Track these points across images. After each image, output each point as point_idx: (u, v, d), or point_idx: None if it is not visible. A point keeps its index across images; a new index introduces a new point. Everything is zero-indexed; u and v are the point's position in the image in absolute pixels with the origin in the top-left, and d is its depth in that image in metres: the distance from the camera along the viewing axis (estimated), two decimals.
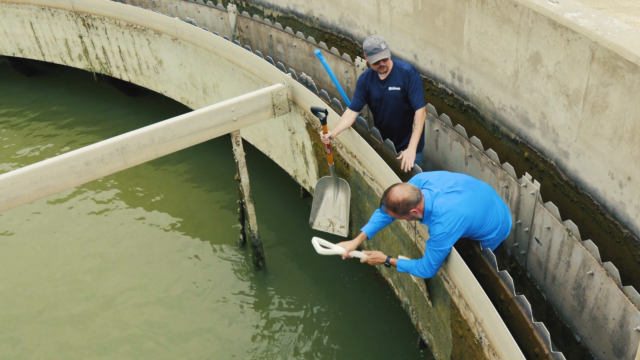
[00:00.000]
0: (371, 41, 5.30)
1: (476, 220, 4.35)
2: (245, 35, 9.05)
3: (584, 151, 4.47)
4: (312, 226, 6.38)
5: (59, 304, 7.07)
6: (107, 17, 9.30)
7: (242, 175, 6.61)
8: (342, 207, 6.21)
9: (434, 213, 4.26)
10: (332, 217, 6.28)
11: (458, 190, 4.33)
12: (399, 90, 5.47)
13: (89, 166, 5.58)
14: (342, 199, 6.18)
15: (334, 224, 6.30)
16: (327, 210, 6.28)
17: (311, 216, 6.36)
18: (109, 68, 10.18)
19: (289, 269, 7.31)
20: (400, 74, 5.45)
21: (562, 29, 4.35)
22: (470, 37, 5.46)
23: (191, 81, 8.71)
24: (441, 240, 4.25)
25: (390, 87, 5.51)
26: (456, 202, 4.24)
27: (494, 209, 4.50)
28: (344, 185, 6.12)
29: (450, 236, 4.22)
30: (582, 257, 4.28)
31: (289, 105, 6.40)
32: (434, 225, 4.26)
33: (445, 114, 5.89)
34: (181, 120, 5.90)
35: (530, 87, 4.88)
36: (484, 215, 4.41)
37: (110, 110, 11.13)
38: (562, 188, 4.84)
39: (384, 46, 5.29)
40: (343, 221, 6.24)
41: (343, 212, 6.22)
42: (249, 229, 7.04)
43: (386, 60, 5.35)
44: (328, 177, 6.23)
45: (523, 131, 5.16)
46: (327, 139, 5.67)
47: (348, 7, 7.25)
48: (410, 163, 5.26)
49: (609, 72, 4.02)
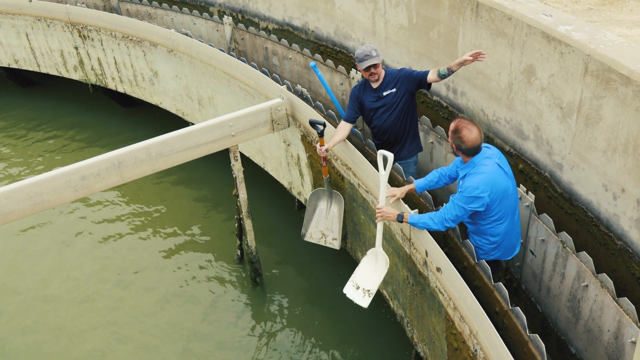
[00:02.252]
0: (362, 48, 5.33)
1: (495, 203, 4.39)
2: (241, 48, 9.07)
3: (578, 163, 4.47)
4: (304, 237, 6.35)
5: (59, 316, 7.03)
6: (103, 28, 9.31)
7: (240, 191, 6.55)
8: (335, 220, 6.19)
9: (475, 167, 4.36)
10: (324, 229, 6.27)
11: (506, 172, 4.43)
12: (394, 92, 5.47)
13: (85, 181, 5.51)
14: (335, 211, 6.17)
15: (326, 235, 6.28)
16: (320, 222, 6.27)
17: (303, 227, 6.36)
18: (104, 79, 10.17)
19: (287, 285, 7.25)
20: (390, 77, 5.47)
21: (555, 42, 4.37)
22: (465, 50, 5.48)
23: (187, 93, 8.71)
24: (465, 198, 4.31)
25: (385, 92, 5.51)
26: (497, 175, 4.33)
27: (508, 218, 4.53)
28: (338, 198, 6.12)
29: (476, 197, 4.28)
30: (577, 268, 4.28)
31: (288, 120, 6.37)
32: (469, 177, 4.36)
33: (440, 126, 5.90)
34: (179, 135, 5.83)
35: (524, 100, 4.89)
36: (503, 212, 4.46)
37: (105, 121, 11.11)
38: (556, 200, 4.84)
39: (375, 53, 5.30)
40: (336, 233, 6.23)
41: (336, 224, 6.20)
42: (246, 245, 6.98)
43: (377, 66, 5.34)
44: (322, 189, 6.22)
45: (517, 143, 5.16)
46: (323, 152, 5.68)
47: (343, 19, 7.28)
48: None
49: (602, 85, 4.04)
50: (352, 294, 5.27)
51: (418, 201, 5.36)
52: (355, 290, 5.26)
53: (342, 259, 7.06)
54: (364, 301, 5.21)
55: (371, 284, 5.22)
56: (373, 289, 5.19)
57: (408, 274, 5.21)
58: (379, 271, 5.21)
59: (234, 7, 9.53)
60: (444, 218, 4.41)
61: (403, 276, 5.31)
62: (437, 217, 4.44)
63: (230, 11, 9.65)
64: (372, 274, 5.25)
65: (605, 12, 5.36)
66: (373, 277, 5.24)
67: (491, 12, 4.99)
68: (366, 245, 5.98)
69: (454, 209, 4.37)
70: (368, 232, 5.79)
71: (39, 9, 10.00)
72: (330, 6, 7.39)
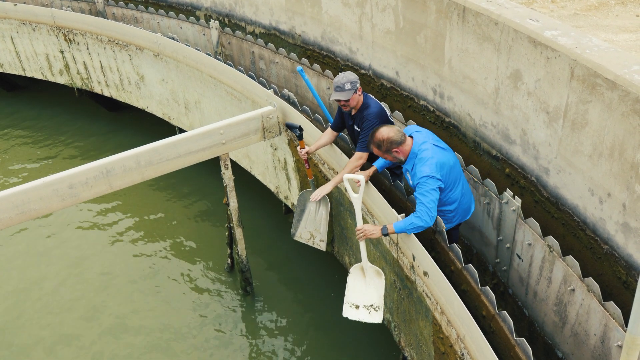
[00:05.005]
0: (338, 78, 5.19)
1: (448, 180, 4.74)
2: (228, 52, 9.03)
3: (565, 168, 4.48)
4: (294, 237, 6.38)
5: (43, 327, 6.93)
6: (89, 32, 9.24)
7: (231, 199, 6.48)
8: (322, 221, 6.20)
9: (418, 156, 4.66)
10: (312, 230, 6.29)
11: (443, 148, 4.81)
12: (359, 131, 5.40)
13: (73, 189, 5.42)
14: (323, 213, 6.18)
15: (314, 237, 6.30)
16: (309, 223, 6.28)
17: (293, 227, 6.37)
18: (90, 83, 10.09)
19: (277, 293, 7.20)
20: (360, 116, 5.33)
21: (542, 46, 4.38)
22: (452, 55, 5.48)
23: (173, 97, 8.66)
24: (427, 182, 4.54)
25: (355, 125, 5.46)
26: (440, 154, 4.68)
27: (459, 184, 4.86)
28: (325, 200, 6.11)
29: (432, 178, 4.55)
30: (563, 273, 4.28)
31: (279, 128, 6.30)
32: (416, 168, 4.63)
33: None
34: (168, 143, 5.75)
35: (510, 104, 4.89)
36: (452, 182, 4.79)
37: (91, 125, 11.02)
38: (543, 204, 4.84)
39: (349, 86, 5.14)
40: (323, 235, 6.25)
41: (323, 226, 6.21)
42: (237, 254, 6.91)
43: (347, 100, 5.20)
44: (309, 190, 6.22)
45: (504, 148, 5.16)
46: (304, 154, 5.74)
47: (330, 24, 7.27)
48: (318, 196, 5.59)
49: (588, 90, 4.04)
50: (356, 315, 5.10)
51: (405, 206, 5.34)
52: (356, 310, 5.12)
53: (331, 264, 7.04)
54: (373, 317, 5.05)
55: (371, 298, 5.09)
56: (377, 303, 5.06)
57: (395, 278, 5.19)
58: (373, 283, 5.12)
59: (221, 11, 9.49)
60: (427, 209, 4.50)
61: (390, 280, 5.29)
62: (420, 212, 4.52)
63: (217, 15, 9.61)
64: (365, 289, 5.15)
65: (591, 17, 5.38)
66: (369, 291, 5.13)
67: (478, 17, 4.99)
68: (353, 249, 5.96)
69: (427, 196, 4.52)
70: (354, 237, 5.76)
71: (24, 13, 9.91)
72: (317, 10, 7.38)
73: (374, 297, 5.09)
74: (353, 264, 6.03)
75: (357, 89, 5.20)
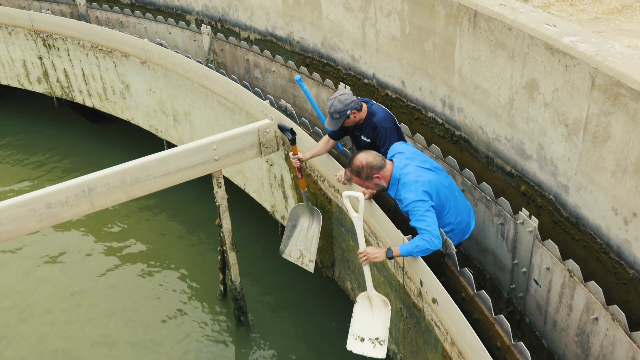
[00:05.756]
0: (328, 104, 5.29)
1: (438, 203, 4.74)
2: (220, 59, 9.06)
3: (585, 185, 4.47)
4: (282, 254, 6.39)
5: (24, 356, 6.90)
6: (70, 37, 9.28)
7: (224, 221, 6.44)
8: (313, 240, 6.21)
9: (401, 182, 4.70)
10: (303, 248, 6.31)
11: (429, 169, 4.83)
12: (369, 142, 5.48)
13: (51, 209, 5.38)
14: (315, 231, 6.18)
15: (303, 256, 6.31)
16: (300, 240, 6.30)
17: (282, 243, 6.36)
18: (71, 92, 10.12)
19: (274, 324, 7.14)
20: (370, 126, 5.42)
21: (559, 54, 4.39)
22: (462, 63, 5.50)
23: (161, 108, 8.67)
24: (417, 207, 4.58)
25: (363, 136, 5.52)
26: (425, 176, 4.69)
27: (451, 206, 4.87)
28: (318, 216, 6.12)
29: (421, 201, 4.58)
30: (585, 300, 4.25)
31: (277, 143, 6.31)
32: (401, 195, 4.67)
33: (435, 144, 5.90)
34: (156, 159, 5.73)
35: (526, 116, 4.90)
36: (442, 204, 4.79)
37: (71, 139, 11.02)
38: (562, 225, 4.83)
39: (337, 116, 5.24)
40: (312, 255, 6.26)
41: (314, 245, 6.22)
42: (230, 280, 6.86)
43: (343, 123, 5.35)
44: (301, 204, 6.22)
45: (519, 163, 5.17)
46: (296, 161, 5.78)
47: (331, 29, 7.30)
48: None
49: (611, 100, 4.04)
50: (361, 349, 5.07)
51: None
52: (360, 343, 5.09)
53: (332, 291, 7.00)
54: (377, 352, 5.03)
55: (377, 331, 5.07)
56: (382, 336, 5.03)
57: (401, 306, 5.17)
58: (380, 315, 5.08)
59: (213, 16, 9.54)
60: (428, 232, 4.51)
61: (396, 308, 5.26)
62: (425, 234, 4.51)
63: (209, 20, 9.66)
64: (372, 320, 5.12)
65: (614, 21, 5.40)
66: (375, 323, 5.10)
67: (490, 22, 5.01)
68: (355, 274, 5.95)
69: (423, 220, 4.54)
70: (357, 260, 5.74)
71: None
72: (317, 15, 7.42)
73: (380, 329, 5.06)
74: (355, 290, 6.02)
75: (351, 113, 5.28)
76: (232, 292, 6.91)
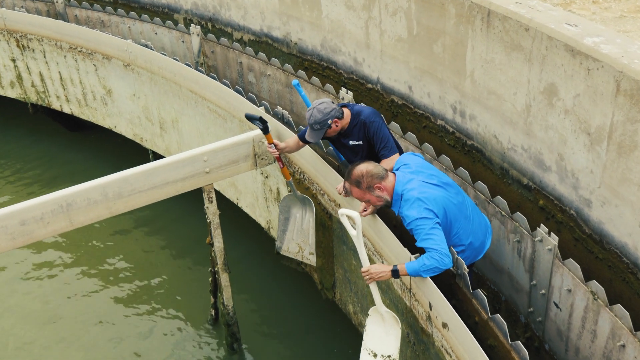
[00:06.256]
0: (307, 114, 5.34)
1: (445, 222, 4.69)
2: (211, 62, 9.06)
3: (610, 199, 4.45)
4: (280, 251, 6.39)
5: None
6: (47, 37, 9.29)
7: (215, 239, 6.40)
8: (310, 230, 6.21)
9: (403, 198, 4.67)
10: (300, 241, 6.31)
11: (437, 185, 4.77)
12: (360, 144, 5.50)
13: (26, 227, 5.36)
14: (310, 220, 6.18)
15: (302, 249, 6.31)
16: (296, 233, 6.32)
17: (278, 239, 6.37)
18: (47, 98, 10.11)
19: (270, 352, 7.10)
20: (358, 126, 5.45)
21: (581, 56, 4.38)
22: (474, 66, 5.49)
23: (146, 115, 8.67)
24: (421, 225, 4.54)
25: (351, 141, 5.54)
26: (429, 192, 4.65)
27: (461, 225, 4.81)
28: (310, 204, 6.11)
29: (424, 219, 4.53)
30: (611, 325, 4.22)
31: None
32: (403, 212, 4.65)
33: (445, 155, 5.90)
34: (142, 171, 5.71)
35: (544, 124, 4.89)
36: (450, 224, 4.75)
37: (48, 148, 11.03)
38: (584, 242, 4.81)
39: (318, 127, 5.30)
40: (312, 247, 6.25)
41: (312, 236, 6.23)
42: (222, 304, 6.81)
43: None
44: (290, 195, 6.20)
45: (537, 175, 5.15)
46: (274, 150, 5.80)
47: (331, 30, 7.30)
48: None
49: (638, 107, 4.03)
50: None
51: None
52: (373, 359, 5.15)
53: (333, 314, 6.97)
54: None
55: (389, 349, 5.11)
56: (394, 354, 5.07)
57: (409, 331, 5.16)
58: (393, 332, 5.12)
59: (203, 15, 9.55)
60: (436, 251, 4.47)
61: (402, 333, 5.23)
62: (433, 253, 4.47)
63: (199, 19, 9.67)
64: (384, 335, 5.15)
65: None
66: (388, 339, 5.13)
67: (505, 22, 5.01)
68: (358, 295, 5.91)
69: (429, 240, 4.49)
70: (360, 280, 5.73)
71: None
72: (317, 14, 7.42)
73: (392, 347, 5.10)
74: (358, 314, 5.98)
75: (333, 122, 5.33)
76: (224, 317, 6.86)
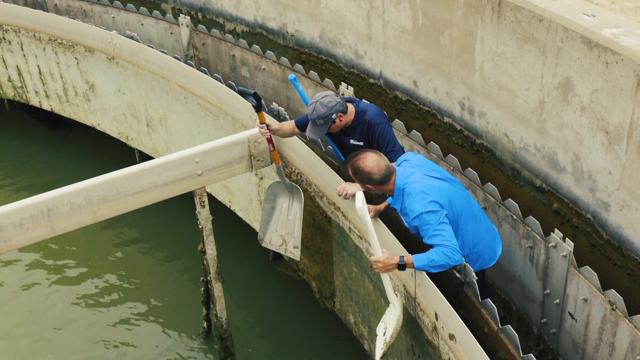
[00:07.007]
0: (310, 108, 5.33)
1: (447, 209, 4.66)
2: (202, 55, 9.08)
3: (630, 202, 4.47)
4: (262, 243, 6.40)
5: None
6: (24, 28, 9.28)
7: (208, 246, 6.40)
8: (296, 222, 6.19)
9: (405, 192, 4.70)
10: (285, 233, 6.30)
11: (440, 178, 4.81)
12: (361, 145, 5.51)
13: (3, 233, 5.34)
14: (297, 212, 6.14)
15: (286, 242, 6.29)
16: (280, 225, 6.29)
17: (260, 230, 6.35)
18: (25, 94, 10.11)
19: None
20: (362, 125, 5.46)
21: (599, 49, 4.40)
22: (484, 60, 5.52)
23: (132, 112, 8.67)
24: (427, 220, 4.54)
25: (352, 140, 5.55)
26: (432, 184, 4.67)
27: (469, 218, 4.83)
28: (298, 194, 6.09)
29: (429, 212, 4.54)
30: (630, 337, 4.23)
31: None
32: (406, 207, 4.67)
33: (452, 155, 5.91)
34: (128, 174, 5.69)
35: (559, 122, 4.91)
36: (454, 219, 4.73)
37: (27, 148, 11.00)
38: (602, 249, 4.83)
39: (322, 121, 5.31)
40: (297, 240, 6.24)
41: (297, 229, 6.20)
42: (215, 316, 6.81)
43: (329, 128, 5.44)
44: (278, 182, 6.20)
45: (551, 177, 5.17)
46: (265, 131, 5.77)
47: (331, 21, 7.33)
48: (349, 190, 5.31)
49: None
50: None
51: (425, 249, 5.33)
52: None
53: (332, 325, 6.97)
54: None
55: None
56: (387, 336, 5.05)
57: (413, 343, 5.15)
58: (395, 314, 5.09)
59: (193, 4, 9.58)
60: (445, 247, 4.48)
61: (407, 345, 5.25)
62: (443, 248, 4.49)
63: (188, 9, 9.70)
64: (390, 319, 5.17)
65: None
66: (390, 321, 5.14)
67: (517, 12, 5.03)
68: (359, 305, 5.92)
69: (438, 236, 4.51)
70: (362, 289, 5.74)
71: None
72: (315, 4, 7.44)
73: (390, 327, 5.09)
74: (359, 324, 6.00)
75: (337, 116, 5.34)
76: (218, 330, 6.87)
